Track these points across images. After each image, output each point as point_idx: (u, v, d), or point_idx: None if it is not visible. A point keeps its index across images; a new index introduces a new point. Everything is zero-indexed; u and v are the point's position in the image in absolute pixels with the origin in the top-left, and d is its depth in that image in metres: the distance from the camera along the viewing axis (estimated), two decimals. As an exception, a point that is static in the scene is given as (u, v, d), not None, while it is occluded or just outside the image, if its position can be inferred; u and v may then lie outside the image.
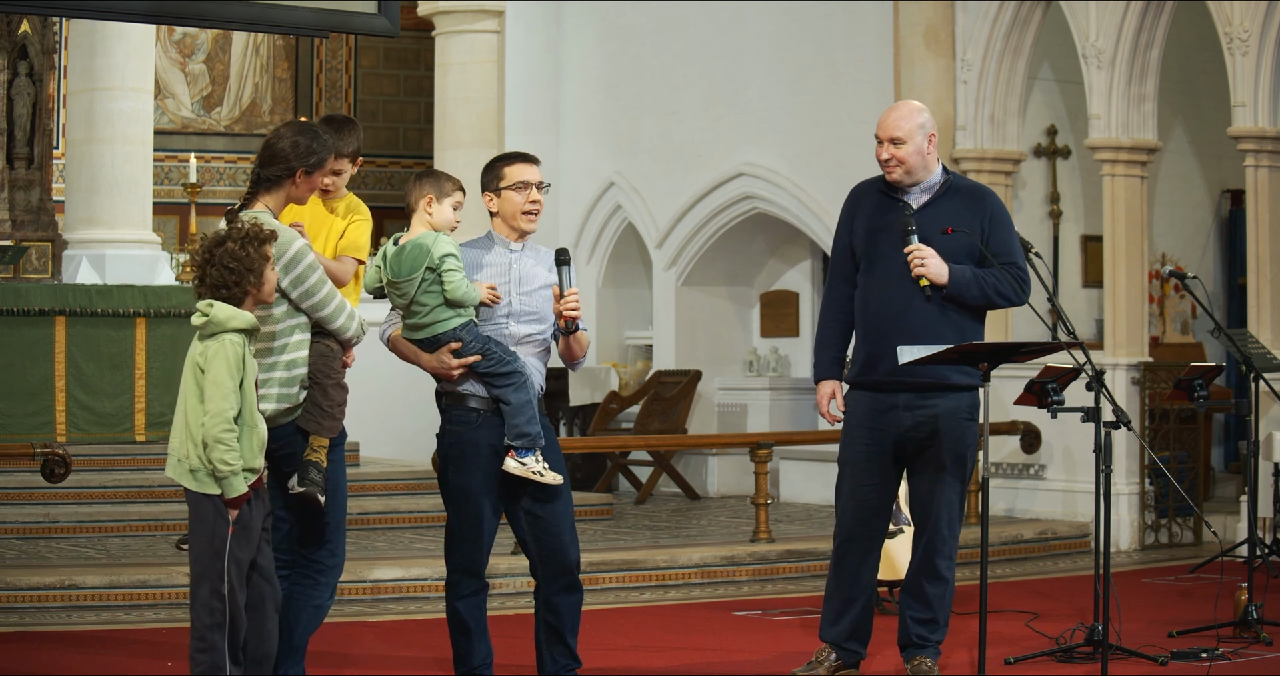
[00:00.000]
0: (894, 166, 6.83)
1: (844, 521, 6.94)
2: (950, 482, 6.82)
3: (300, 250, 5.81)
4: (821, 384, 7.01)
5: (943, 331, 6.74)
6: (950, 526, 6.84)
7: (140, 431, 12.45)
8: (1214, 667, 7.27)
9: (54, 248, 13.41)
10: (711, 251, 14.88)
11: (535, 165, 6.47)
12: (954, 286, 6.74)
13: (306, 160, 5.89)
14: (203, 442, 5.50)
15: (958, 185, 6.92)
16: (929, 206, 6.83)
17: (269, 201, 5.91)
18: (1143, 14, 11.68)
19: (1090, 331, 12.95)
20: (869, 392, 6.88)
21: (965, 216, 6.81)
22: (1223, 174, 14.08)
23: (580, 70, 15.67)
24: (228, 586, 5.53)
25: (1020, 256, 6.90)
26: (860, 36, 13.41)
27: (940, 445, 6.78)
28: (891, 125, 6.81)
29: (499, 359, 6.25)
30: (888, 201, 6.89)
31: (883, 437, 6.85)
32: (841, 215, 7.09)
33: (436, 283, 6.17)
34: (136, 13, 7.85)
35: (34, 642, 8.06)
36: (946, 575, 6.86)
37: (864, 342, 6.90)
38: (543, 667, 6.47)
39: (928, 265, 6.69)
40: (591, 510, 12.35)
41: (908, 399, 6.79)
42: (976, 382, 6.78)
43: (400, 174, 18.77)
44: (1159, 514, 11.70)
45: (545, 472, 6.27)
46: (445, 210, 6.24)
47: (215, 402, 5.53)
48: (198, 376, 5.56)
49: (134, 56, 13.56)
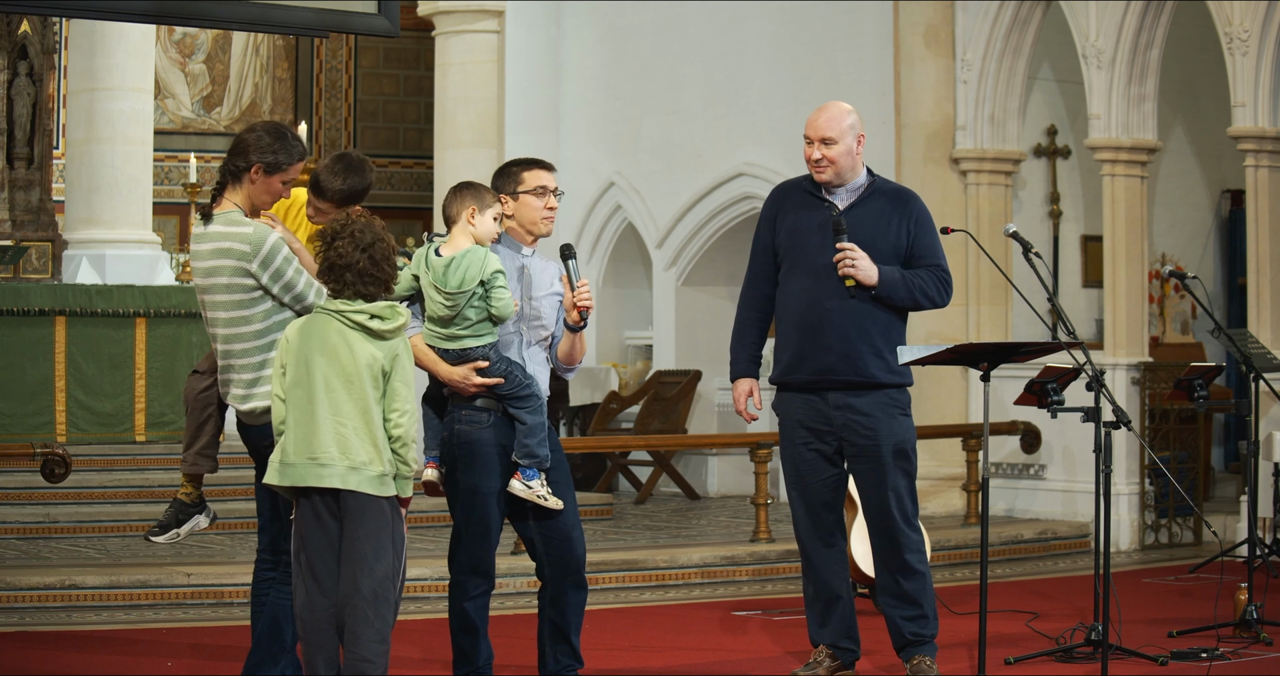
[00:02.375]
0: (824, 167, 6.85)
1: (799, 522, 6.99)
2: (895, 476, 6.83)
3: (275, 244, 5.78)
4: (739, 381, 7.03)
5: (870, 330, 6.79)
6: (908, 521, 6.85)
7: (140, 431, 12.45)
8: (1214, 667, 7.27)
9: (54, 248, 13.41)
10: (711, 251, 14.88)
11: (552, 171, 6.51)
12: (883, 287, 6.77)
13: (264, 156, 5.83)
14: (401, 441, 5.52)
15: (883, 187, 6.96)
16: (855, 207, 6.86)
17: (237, 198, 5.88)
18: (1143, 14, 11.68)
19: (1090, 331, 12.95)
20: (798, 393, 6.92)
21: (890, 218, 6.86)
22: (1223, 174, 14.08)
23: (580, 70, 15.67)
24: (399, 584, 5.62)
25: (944, 258, 6.94)
26: (860, 36, 13.41)
27: (878, 440, 6.80)
28: (823, 125, 6.83)
29: (519, 383, 6.29)
30: (813, 201, 6.92)
31: (821, 435, 6.88)
32: (763, 214, 7.10)
33: (483, 298, 6.19)
34: (136, 13, 7.84)
35: (34, 642, 8.06)
36: (920, 568, 6.86)
37: (789, 342, 6.93)
38: (544, 667, 6.47)
39: (859, 266, 6.72)
40: (591, 510, 12.34)
41: (837, 398, 6.83)
42: (905, 380, 6.83)
43: (400, 174, 18.77)
44: (1159, 514, 11.70)
45: (549, 497, 6.33)
46: (487, 221, 6.26)
47: (410, 402, 5.57)
48: (376, 378, 5.51)
49: (134, 56, 13.57)
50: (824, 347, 6.80)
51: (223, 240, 5.81)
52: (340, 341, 5.53)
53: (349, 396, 5.50)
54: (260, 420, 5.86)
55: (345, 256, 5.55)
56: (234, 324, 5.84)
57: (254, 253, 5.75)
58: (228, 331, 5.85)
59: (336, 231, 5.57)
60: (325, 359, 5.52)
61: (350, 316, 5.54)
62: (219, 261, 5.82)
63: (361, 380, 5.51)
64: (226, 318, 5.85)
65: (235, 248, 5.78)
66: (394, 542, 5.59)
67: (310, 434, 5.50)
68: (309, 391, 5.51)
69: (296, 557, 5.61)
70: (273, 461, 5.59)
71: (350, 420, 5.49)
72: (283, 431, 5.56)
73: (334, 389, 5.50)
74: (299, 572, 5.61)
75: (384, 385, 5.55)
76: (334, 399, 5.50)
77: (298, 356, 5.56)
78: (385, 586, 5.56)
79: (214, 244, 5.83)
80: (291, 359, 5.57)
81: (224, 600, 9.02)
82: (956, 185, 12.57)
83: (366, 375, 5.51)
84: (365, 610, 5.52)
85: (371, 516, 5.53)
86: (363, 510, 5.52)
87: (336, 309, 5.56)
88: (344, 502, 5.52)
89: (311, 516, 5.55)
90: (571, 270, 6.43)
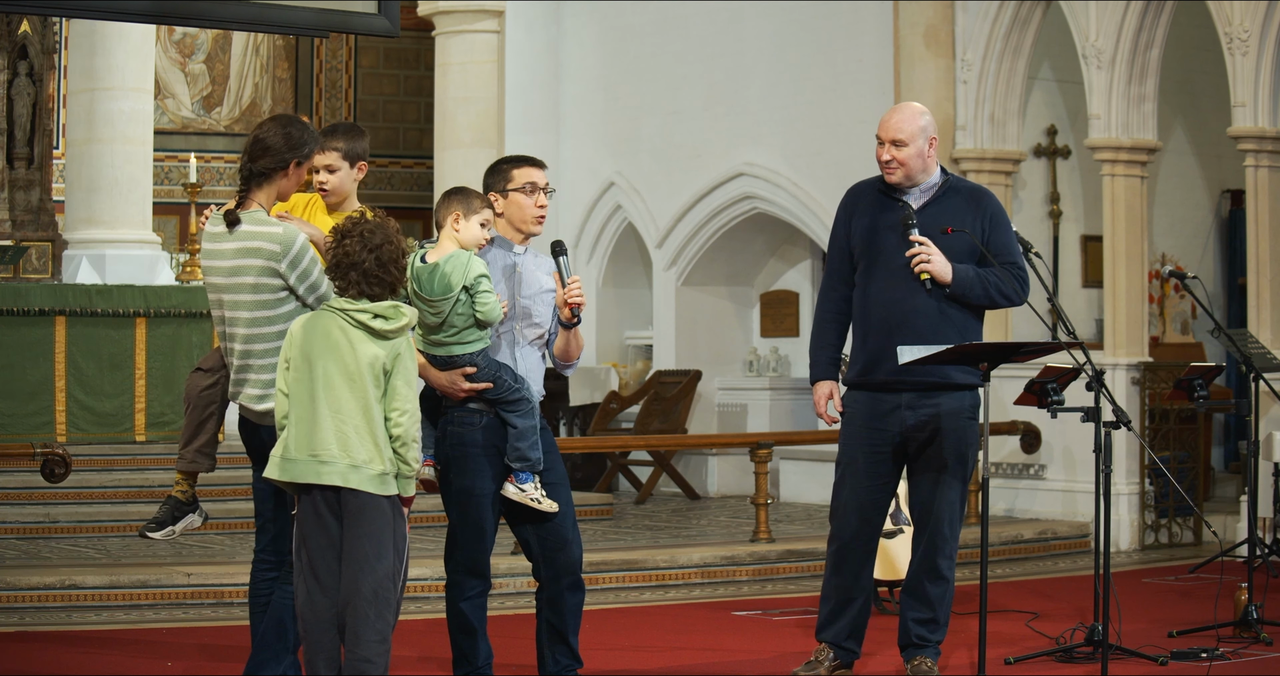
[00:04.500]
0: (894, 168, 6.81)
1: (846, 522, 6.92)
2: (952, 482, 6.81)
3: (303, 245, 5.80)
4: (818, 384, 6.98)
5: (946, 330, 6.73)
6: (951, 526, 6.84)
7: (140, 431, 12.45)
8: (1214, 667, 7.27)
9: (54, 248, 13.41)
10: (711, 251, 14.88)
11: (543, 169, 6.49)
12: (958, 285, 6.72)
13: (300, 151, 5.92)
14: (401, 441, 5.52)
15: (957, 186, 6.91)
16: (928, 207, 6.81)
17: (261, 198, 5.91)
18: (1143, 14, 11.68)
19: (1090, 331, 12.94)
20: (870, 393, 6.86)
21: (965, 217, 6.80)
22: (1223, 174, 14.08)
23: (580, 70, 15.67)
24: (401, 583, 5.63)
25: (1020, 256, 6.90)
26: (860, 36, 13.41)
27: (942, 445, 6.78)
28: (894, 127, 6.79)
29: (509, 387, 6.28)
30: (887, 201, 6.87)
31: (884, 438, 6.84)
32: (838, 215, 7.07)
33: (468, 304, 6.18)
34: (136, 13, 7.85)
35: (34, 642, 8.06)
36: (948, 575, 6.86)
37: (866, 342, 6.87)
38: (544, 667, 6.47)
39: (933, 261, 6.68)
40: (591, 510, 12.34)
41: (910, 398, 6.78)
42: (978, 381, 6.78)
43: (400, 174, 18.77)
44: (1159, 514, 11.70)
45: (543, 500, 6.32)
46: (473, 227, 6.22)
47: (412, 401, 5.56)
48: (378, 377, 5.51)
49: (134, 56, 13.57)
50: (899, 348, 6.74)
51: (251, 240, 5.80)
52: (343, 339, 5.53)
53: (350, 394, 5.50)
54: (266, 420, 5.86)
55: (352, 255, 5.56)
56: (256, 324, 5.83)
57: (284, 252, 5.75)
58: (249, 331, 5.84)
59: (347, 230, 5.58)
60: (328, 356, 5.52)
61: (354, 315, 5.54)
62: (246, 261, 5.80)
63: (363, 379, 5.51)
64: (249, 317, 5.83)
65: (265, 247, 5.77)
66: (395, 542, 5.58)
67: (312, 430, 5.50)
68: (310, 388, 5.52)
69: (297, 555, 5.61)
70: (274, 456, 5.58)
71: (351, 418, 5.50)
72: (284, 426, 5.57)
73: (335, 386, 5.50)
74: (300, 571, 5.60)
75: (385, 384, 5.55)
76: (335, 396, 5.50)
77: (301, 352, 5.56)
78: (386, 586, 5.55)
79: (241, 243, 5.81)
80: (295, 354, 5.57)
81: (224, 600, 9.02)
82: (956, 185, 12.56)
83: (368, 374, 5.51)
84: (366, 610, 5.51)
85: (372, 515, 5.53)
86: (363, 509, 5.51)
87: (340, 307, 5.57)
88: (345, 501, 5.52)
89: (312, 514, 5.55)
90: (563, 266, 6.41)
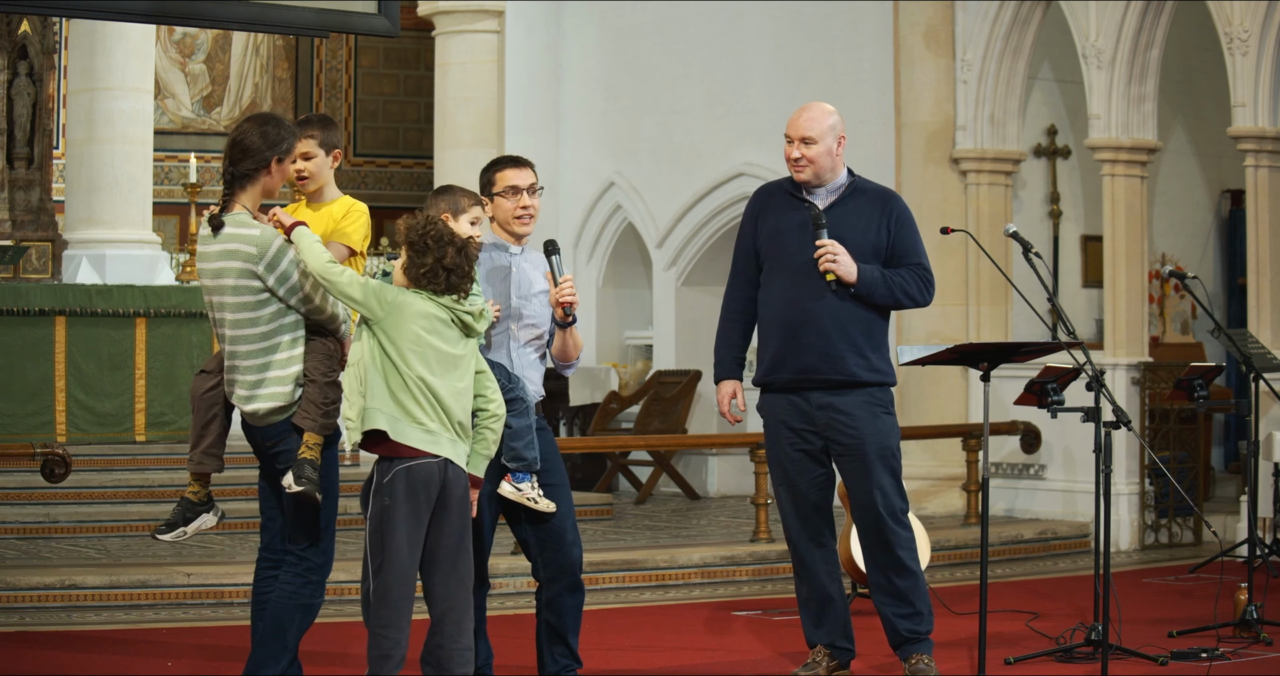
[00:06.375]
0: (803, 166, 6.85)
1: (789, 524, 6.99)
2: (880, 474, 6.82)
3: (281, 247, 5.84)
4: (723, 383, 7.03)
5: (851, 329, 6.79)
6: (896, 518, 6.85)
7: (140, 431, 12.45)
8: (1214, 667, 7.27)
9: (54, 248, 13.41)
10: (711, 251, 14.87)
11: (526, 169, 6.48)
12: (863, 285, 6.77)
13: (279, 148, 5.96)
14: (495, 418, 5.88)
15: (864, 187, 6.96)
16: (835, 207, 6.86)
17: (245, 200, 5.95)
18: (1143, 14, 11.68)
19: (1090, 331, 12.95)
20: (780, 394, 6.91)
21: (871, 217, 6.86)
22: (1223, 174, 14.08)
23: (580, 70, 15.66)
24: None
25: (925, 257, 6.94)
26: (860, 36, 13.40)
27: (863, 441, 6.80)
28: (804, 125, 6.84)
29: (502, 386, 6.27)
30: (794, 201, 6.92)
31: (804, 437, 6.88)
32: (745, 215, 7.11)
33: None
34: (136, 13, 7.86)
35: (34, 642, 8.06)
36: (912, 566, 6.86)
37: (771, 341, 6.92)
38: (543, 667, 6.47)
39: (839, 261, 6.72)
40: (591, 510, 12.35)
41: (819, 397, 6.82)
42: (887, 379, 6.82)
43: (400, 174, 18.77)
44: (1159, 514, 11.70)
45: (540, 499, 6.33)
46: (461, 226, 6.18)
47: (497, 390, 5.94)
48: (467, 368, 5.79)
49: (134, 56, 13.57)
50: (805, 347, 6.79)
51: (230, 242, 5.85)
52: (446, 329, 5.75)
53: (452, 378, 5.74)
54: (264, 421, 5.88)
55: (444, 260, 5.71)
56: (240, 325, 5.86)
57: (260, 255, 5.79)
58: (234, 332, 5.88)
59: (423, 245, 5.70)
60: (437, 340, 5.72)
61: (460, 315, 5.76)
62: (226, 263, 5.85)
63: (459, 367, 5.75)
64: (233, 319, 5.87)
65: (242, 249, 5.82)
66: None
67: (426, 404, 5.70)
68: (427, 365, 5.71)
69: (378, 529, 5.73)
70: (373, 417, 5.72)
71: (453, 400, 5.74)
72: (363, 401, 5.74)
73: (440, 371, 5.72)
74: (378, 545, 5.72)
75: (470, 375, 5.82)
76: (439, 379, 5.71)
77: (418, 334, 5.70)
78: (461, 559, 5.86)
79: (222, 245, 5.86)
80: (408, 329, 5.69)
81: (224, 600, 9.02)
82: (956, 185, 12.57)
83: (461, 363, 5.76)
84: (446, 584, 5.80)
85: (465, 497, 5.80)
86: (462, 489, 5.77)
87: (446, 304, 5.74)
88: (447, 476, 5.74)
89: (405, 486, 5.73)
90: (554, 266, 6.42)
